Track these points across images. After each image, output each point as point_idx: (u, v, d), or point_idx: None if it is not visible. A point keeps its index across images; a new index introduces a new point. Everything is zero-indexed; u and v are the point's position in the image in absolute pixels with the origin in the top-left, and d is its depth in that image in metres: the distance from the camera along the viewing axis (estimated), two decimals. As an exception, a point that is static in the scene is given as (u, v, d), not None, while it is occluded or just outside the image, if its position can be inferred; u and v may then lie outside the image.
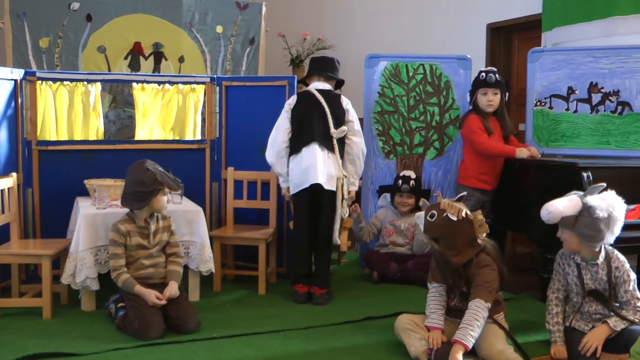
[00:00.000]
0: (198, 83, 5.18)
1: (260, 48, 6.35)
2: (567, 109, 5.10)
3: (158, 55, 6.02)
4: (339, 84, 4.63)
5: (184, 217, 4.26)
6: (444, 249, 3.43)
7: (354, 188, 4.52)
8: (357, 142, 4.47)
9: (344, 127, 4.40)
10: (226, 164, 5.15)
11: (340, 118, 4.41)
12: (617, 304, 3.38)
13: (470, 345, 3.22)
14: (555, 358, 3.40)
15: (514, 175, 4.71)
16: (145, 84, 5.11)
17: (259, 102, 5.05)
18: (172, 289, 3.82)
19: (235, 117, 5.14)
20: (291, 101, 4.48)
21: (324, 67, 4.56)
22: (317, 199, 4.35)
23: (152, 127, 5.17)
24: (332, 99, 4.44)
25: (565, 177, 4.20)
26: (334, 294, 4.49)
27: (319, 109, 4.38)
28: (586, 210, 3.28)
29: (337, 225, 4.37)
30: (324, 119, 4.37)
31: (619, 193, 3.33)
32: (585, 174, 4.08)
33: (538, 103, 5.18)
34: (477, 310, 3.27)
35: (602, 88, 4.98)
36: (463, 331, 3.24)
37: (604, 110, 4.98)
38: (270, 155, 4.46)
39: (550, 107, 5.15)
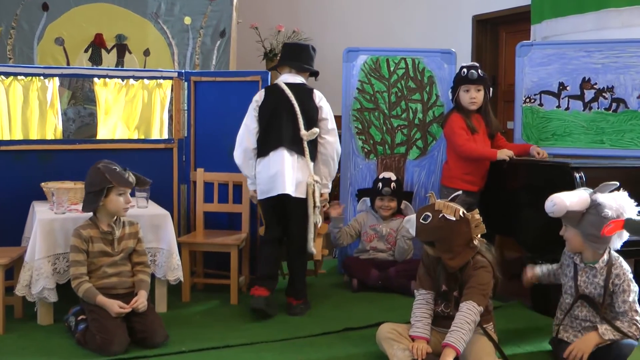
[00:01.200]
0: (165, 78, 5.16)
1: (231, 41, 6.34)
2: (558, 106, 5.14)
3: (121, 48, 5.99)
4: (314, 74, 4.54)
5: (150, 222, 4.24)
6: (440, 252, 3.43)
7: (327, 191, 4.47)
8: (331, 142, 4.39)
9: (316, 129, 4.30)
10: (195, 165, 5.13)
11: (312, 117, 4.33)
12: (613, 314, 3.38)
13: (461, 349, 3.22)
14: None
15: (502, 175, 4.74)
16: (107, 79, 5.07)
17: (230, 98, 5.03)
18: (142, 298, 3.79)
19: (205, 115, 5.13)
20: (258, 97, 4.39)
21: (297, 56, 4.46)
22: (287, 207, 4.31)
23: (115, 125, 5.14)
24: (303, 94, 4.35)
25: (557, 178, 4.22)
26: (310, 303, 4.48)
27: (287, 107, 4.29)
28: (594, 208, 3.28)
29: (310, 235, 4.32)
30: (294, 118, 4.28)
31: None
32: (577, 175, 4.09)
33: (527, 100, 5.22)
34: (469, 313, 3.27)
35: (596, 84, 5.02)
36: (455, 334, 3.24)
37: (598, 108, 5.03)
38: (237, 156, 4.41)
39: (540, 104, 5.19)
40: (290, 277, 4.50)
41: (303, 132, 4.27)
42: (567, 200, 3.30)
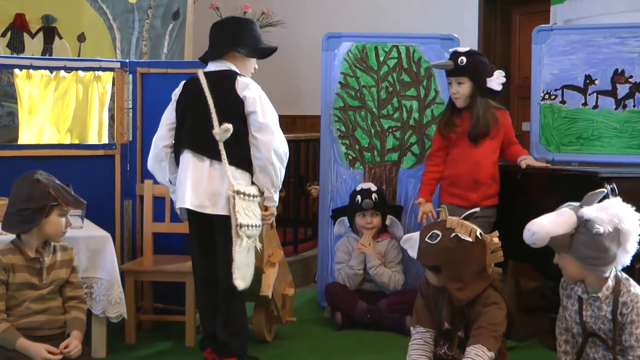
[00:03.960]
0: (104, 69, 5.14)
1: (186, 24, 6.34)
2: (585, 104, 5.16)
3: (49, 32, 5.95)
4: (259, 54, 4.30)
5: (86, 246, 4.20)
6: (446, 280, 3.41)
7: (273, 205, 4.23)
8: (265, 141, 4.06)
9: (227, 126, 4.01)
10: (142, 176, 5.09)
11: (230, 110, 4.08)
12: (621, 348, 3.34)
13: None
14: None
15: (516, 189, 4.75)
16: (31, 71, 5.05)
17: (185, 94, 4.99)
18: (76, 340, 3.72)
19: (155, 115, 5.01)
20: (177, 90, 4.29)
21: (222, 38, 4.27)
22: (208, 227, 4.13)
23: (41, 127, 5.14)
24: (223, 83, 4.14)
25: (583, 190, 4.19)
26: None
27: (199, 101, 4.12)
28: (583, 226, 3.27)
29: (233, 263, 3.99)
30: (205, 114, 4.08)
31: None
32: (608, 186, 4.09)
33: (546, 96, 5.24)
34: (472, 356, 3.27)
35: (631, 77, 5.05)
36: None
37: (633, 106, 5.06)
38: (149, 159, 4.33)
39: (563, 102, 5.21)
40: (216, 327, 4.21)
41: (215, 130, 4.04)
42: (548, 226, 3.30)
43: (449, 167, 4.83)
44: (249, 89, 4.07)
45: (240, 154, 4.06)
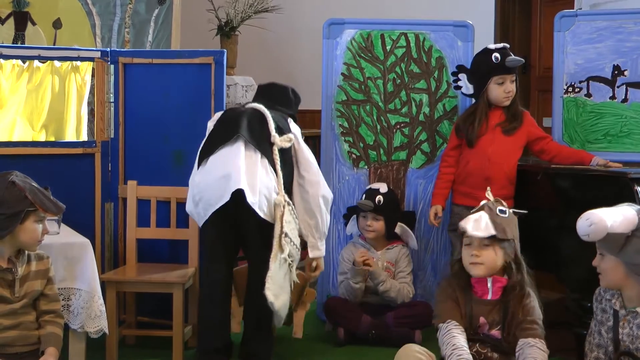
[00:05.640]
0: (83, 59, 5.15)
1: (173, 9, 6.34)
2: (613, 97, 5.16)
3: (21, 18, 5.96)
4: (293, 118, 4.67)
5: (63, 253, 4.17)
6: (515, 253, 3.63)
7: (319, 254, 4.47)
8: (314, 182, 4.45)
9: (290, 135, 4.39)
10: (125, 177, 5.12)
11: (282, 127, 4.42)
12: None
13: None
14: None
15: (535, 191, 4.77)
16: (1, 60, 5.04)
17: (172, 87, 5.04)
18: (52, 358, 3.72)
19: (139, 109, 5.11)
20: (214, 118, 4.53)
21: (272, 96, 4.66)
22: (243, 229, 4.30)
23: (12, 122, 5.13)
24: (278, 118, 4.47)
25: (611, 192, 4.25)
26: None
27: (253, 112, 4.42)
28: None
29: (271, 273, 4.09)
30: (262, 120, 4.37)
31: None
32: (638, 188, 4.13)
33: (570, 89, 5.24)
34: (540, 355, 3.38)
35: (664, 67, 5.08)
36: None
37: (666, 99, 5.07)
38: (188, 204, 4.46)
39: (588, 95, 5.21)
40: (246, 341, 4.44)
41: (274, 134, 4.31)
42: (608, 220, 3.28)
43: (461, 165, 4.92)
44: (298, 134, 4.51)
45: (285, 174, 4.30)
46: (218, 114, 4.52)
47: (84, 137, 5.22)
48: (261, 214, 4.15)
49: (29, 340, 3.81)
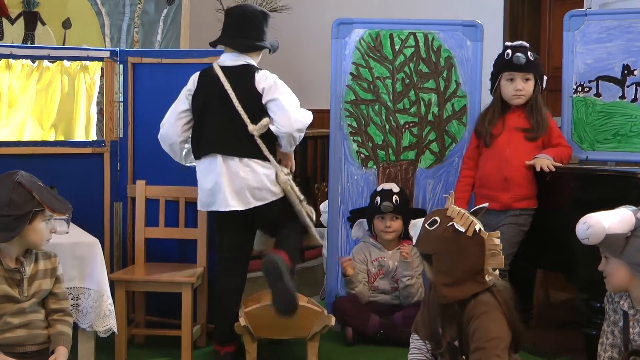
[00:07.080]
0: (92, 59, 5.16)
1: (183, 9, 6.35)
2: (623, 97, 5.12)
3: (31, 18, 5.97)
4: (271, 49, 4.65)
5: (72, 253, 4.18)
6: (436, 272, 3.40)
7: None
8: (284, 116, 4.44)
9: (266, 119, 4.41)
10: (134, 176, 5.13)
11: (256, 106, 4.42)
12: None
13: None
14: None
15: (545, 191, 4.75)
16: (11, 60, 5.06)
17: (181, 86, 4.97)
18: (61, 357, 3.71)
19: (148, 109, 5.12)
20: (191, 85, 4.57)
21: (240, 29, 4.56)
22: (251, 217, 4.46)
23: (22, 122, 5.14)
24: (244, 79, 4.45)
25: (620, 192, 4.23)
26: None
27: (222, 99, 4.42)
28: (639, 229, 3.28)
29: (309, 222, 4.53)
30: (232, 113, 4.39)
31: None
32: (647, 189, 4.12)
33: (579, 89, 5.22)
34: None
35: (675, 67, 5.06)
36: None
37: (679, 99, 5.05)
38: (163, 140, 4.62)
39: (598, 95, 5.18)
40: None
41: (251, 126, 4.37)
42: (606, 222, 3.28)
43: (480, 168, 4.89)
44: (267, 80, 4.46)
45: (269, 144, 4.42)
46: (194, 81, 4.56)
47: (93, 137, 5.24)
48: (268, 200, 4.39)
49: (38, 339, 3.81)
